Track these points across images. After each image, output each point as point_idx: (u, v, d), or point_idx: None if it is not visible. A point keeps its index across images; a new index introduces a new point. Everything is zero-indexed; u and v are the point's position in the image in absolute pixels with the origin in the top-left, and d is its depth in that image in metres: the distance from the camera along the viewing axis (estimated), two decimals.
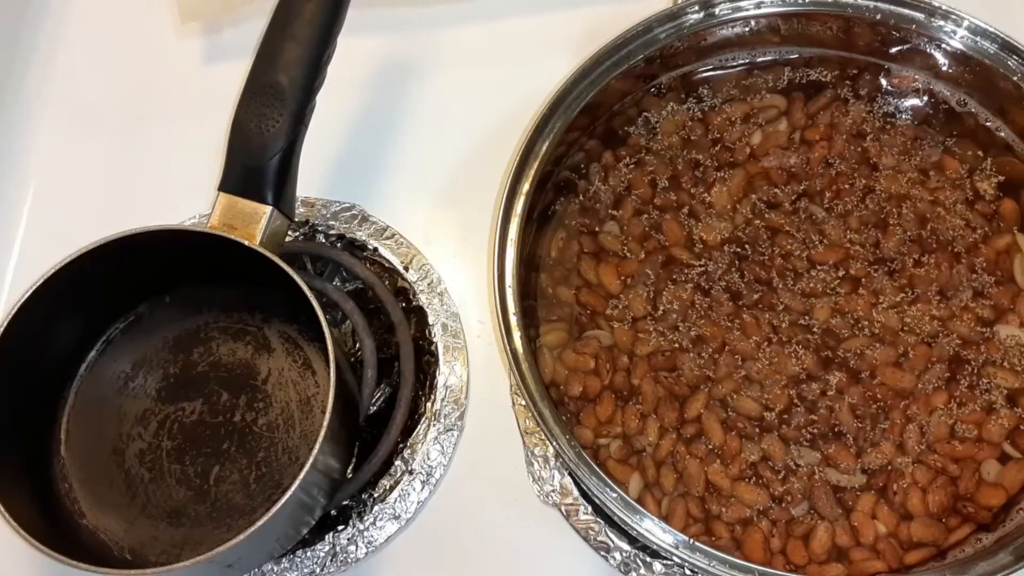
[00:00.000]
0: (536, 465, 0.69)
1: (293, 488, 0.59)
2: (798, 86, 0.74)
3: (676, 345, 0.67)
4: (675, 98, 0.74)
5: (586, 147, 0.73)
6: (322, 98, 0.68)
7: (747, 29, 0.73)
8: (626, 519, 0.58)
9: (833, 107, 0.73)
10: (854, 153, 0.72)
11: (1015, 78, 0.69)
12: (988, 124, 0.72)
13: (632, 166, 0.73)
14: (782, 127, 0.74)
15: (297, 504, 0.62)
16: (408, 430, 0.71)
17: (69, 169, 0.84)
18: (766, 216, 0.70)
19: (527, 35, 0.85)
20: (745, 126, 0.73)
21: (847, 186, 0.71)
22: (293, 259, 0.73)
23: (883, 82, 0.74)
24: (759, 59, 0.75)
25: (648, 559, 0.66)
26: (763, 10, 0.72)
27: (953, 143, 0.72)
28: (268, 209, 0.66)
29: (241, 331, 0.72)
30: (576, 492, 0.68)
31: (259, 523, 0.58)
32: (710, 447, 0.64)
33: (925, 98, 0.73)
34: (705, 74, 0.75)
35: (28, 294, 0.64)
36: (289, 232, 0.72)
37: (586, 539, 0.67)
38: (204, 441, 0.69)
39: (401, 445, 0.71)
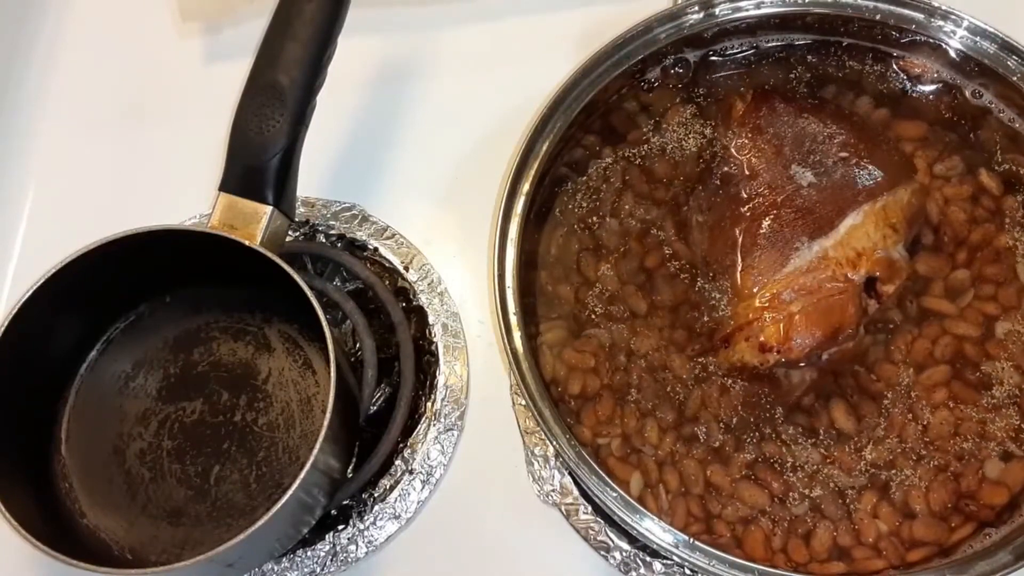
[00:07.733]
0: (536, 465, 0.69)
1: (293, 488, 0.59)
2: (803, 79, 0.74)
3: (675, 343, 0.67)
4: (675, 95, 0.74)
5: (586, 145, 0.73)
6: (322, 98, 0.68)
7: (747, 28, 0.73)
8: (626, 518, 0.58)
9: (839, 98, 0.73)
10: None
11: (1014, 78, 0.69)
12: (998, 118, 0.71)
13: (632, 163, 0.73)
14: None
15: (297, 504, 0.62)
16: (408, 430, 0.71)
17: (69, 169, 0.84)
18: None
19: (527, 35, 0.85)
20: None
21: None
22: (293, 259, 0.73)
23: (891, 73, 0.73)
24: (762, 52, 0.74)
25: (648, 559, 0.66)
26: (763, 10, 0.72)
27: (958, 138, 0.72)
28: (268, 209, 0.66)
29: (241, 331, 0.72)
30: (576, 492, 0.68)
31: (259, 523, 0.59)
32: (710, 446, 0.64)
33: (927, 88, 0.73)
34: (706, 71, 0.75)
35: (28, 294, 0.64)
36: (289, 232, 0.72)
37: (586, 539, 0.67)
38: (204, 441, 0.69)
39: (401, 445, 0.71)
